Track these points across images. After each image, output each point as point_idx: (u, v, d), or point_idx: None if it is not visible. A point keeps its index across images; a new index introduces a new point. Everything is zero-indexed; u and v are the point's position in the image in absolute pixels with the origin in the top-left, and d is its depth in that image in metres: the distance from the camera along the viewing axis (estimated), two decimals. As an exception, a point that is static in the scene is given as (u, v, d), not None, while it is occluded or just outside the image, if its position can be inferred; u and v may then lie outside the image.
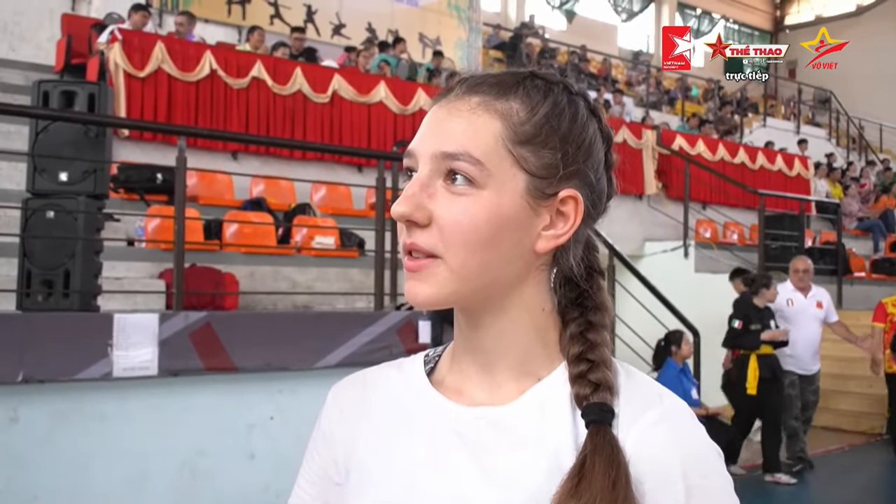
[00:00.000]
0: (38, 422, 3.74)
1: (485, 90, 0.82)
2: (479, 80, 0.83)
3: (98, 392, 3.91)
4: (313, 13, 12.78)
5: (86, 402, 3.87)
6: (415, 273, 0.80)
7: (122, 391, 3.97)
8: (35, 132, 4.15)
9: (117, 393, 3.96)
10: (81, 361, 3.82)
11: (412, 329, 4.82)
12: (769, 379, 6.29)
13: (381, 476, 0.86)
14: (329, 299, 6.24)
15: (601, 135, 0.87)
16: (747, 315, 6.38)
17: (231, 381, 4.19)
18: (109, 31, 7.47)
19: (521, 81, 0.83)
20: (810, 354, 6.77)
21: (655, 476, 0.76)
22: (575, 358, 0.82)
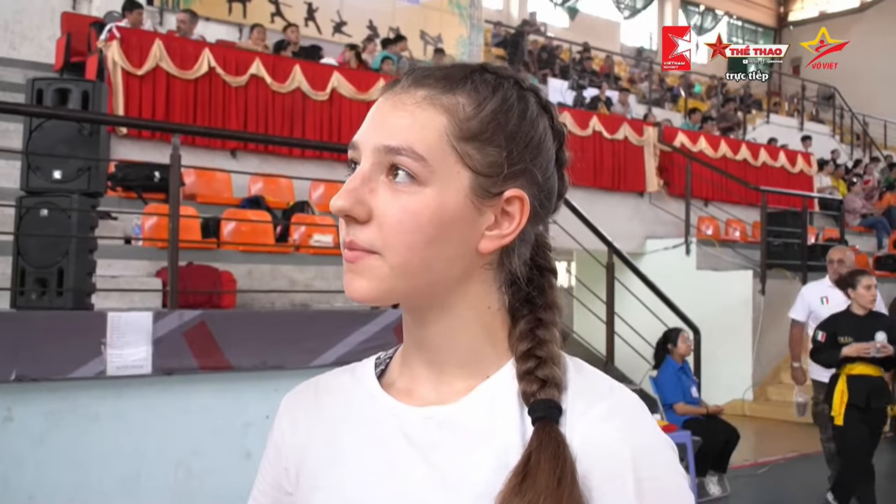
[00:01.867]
0: (33, 421, 3.72)
1: (431, 83, 0.80)
2: (426, 72, 0.81)
3: (92, 391, 3.89)
4: (314, 11, 12.77)
5: (80, 402, 3.86)
6: (352, 264, 0.78)
7: (116, 390, 3.95)
8: (29, 130, 4.13)
9: (111, 392, 3.94)
10: (75, 360, 3.80)
11: (409, 327, 4.80)
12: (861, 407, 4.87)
13: (331, 483, 0.84)
14: (327, 297, 6.22)
15: (552, 132, 0.84)
16: (836, 324, 5.06)
17: (226, 380, 4.17)
18: (108, 30, 7.45)
19: (469, 75, 0.81)
20: None
21: (603, 470, 0.75)
22: (523, 355, 0.81)
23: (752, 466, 6.99)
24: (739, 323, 9.58)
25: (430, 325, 0.83)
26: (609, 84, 15.21)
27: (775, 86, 20.36)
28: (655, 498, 0.74)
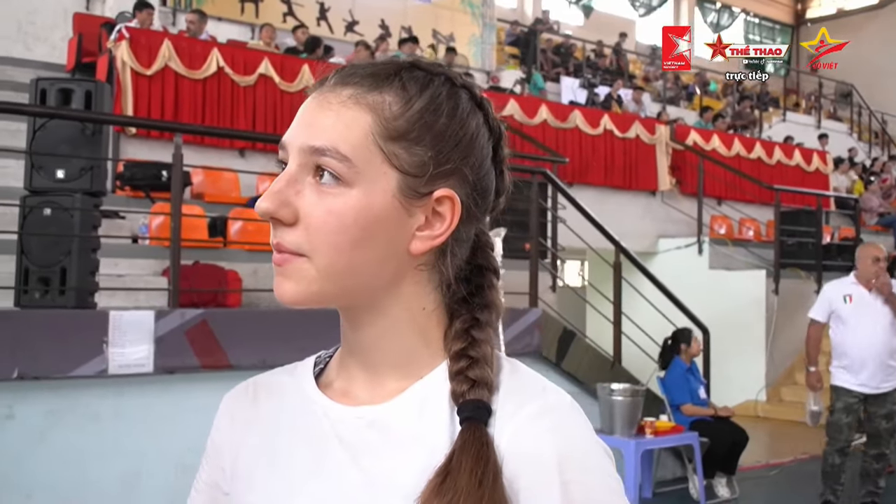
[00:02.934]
0: (33, 419, 3.75)
1: (357, 81, 0.78)
2: (353, 70, 0.80)
3: (93, 389, 3.91)
4: (326, 10, 12.80)
5: (81, 400, 3.87)
6: (280, 268, 0.77)
7: (117, 389, 3.96)
8: (32, 130, 4.16)
9: (113, 390, 3.96)
10: (77, 358, 3.82)
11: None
12: None
13: (262, 483, 0.84)
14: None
15: (488, 129, 0.83)
16: None
17: (227, 379, 4.15)
18: (117, 30, 7.49)
19: (397, 72, 0.79)
20: (876, 366, 5.17)
21: (530, 472, 0.73)
22: (455, 354, 0.79)
23: (763, 468, 6.93)
24: (753, 323, 9.51)
25: (363, 327, 0.82)
26: (623, 82, 15.13)
27: (792, 83, 20.19)
28: (585, 490, 0.72)
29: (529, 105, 10.29)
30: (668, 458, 6.33)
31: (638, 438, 5.27)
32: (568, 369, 5.77)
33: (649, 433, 5.33)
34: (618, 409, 5.28)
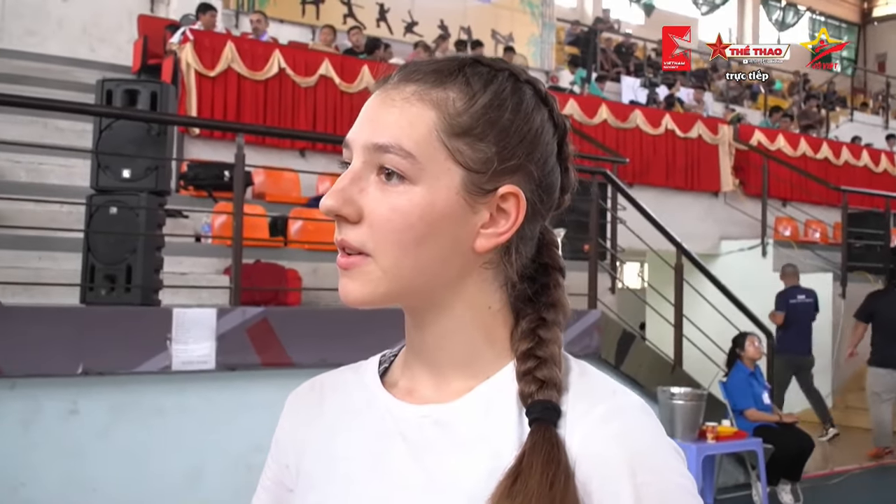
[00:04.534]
0: (98, 414, 3.82)
1: (420, 78, 0.77)
2: (416, 67, 0.78)
3: (156, 385, 3.97)
4: (386, 11, 12.86)
5: (144, 395, 3.94)
6: (345, 271, 0.77)
7: (180, 385, 4.02)
8: (99, 130, 4.24)
9: (175, 386, 4.01)
10: (141, 355, 3.88)
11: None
12: None
13: (325, 480, 0.83)
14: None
15: (553, 125, 0.81)
16: None
17: (287, 377, 4.20)
18: (181, 32, 7.63)
19: (461, 68, 0.78)
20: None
21: (602, 474, 0.72)
22: (523, 354, 0.78)
23: (828, 476, 6.74)
24: (819, 327, 9.26)
25: (428, 326, 0.81)
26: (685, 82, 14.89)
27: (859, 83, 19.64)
28: (657, 491, 0.71)
29: (589, 105, 10.19)
30: (731, 465, 6.19)
31: (699, 443, 5.17)
32: (627, 372, 5.69)
33: (711, 438, 5.22)
34: (678, 413, 5.19)
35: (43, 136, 6.88)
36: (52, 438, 3.70)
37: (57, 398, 3.74)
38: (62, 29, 9.85)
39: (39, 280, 4.50)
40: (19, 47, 9.21)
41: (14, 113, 6.27)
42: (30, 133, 6.82)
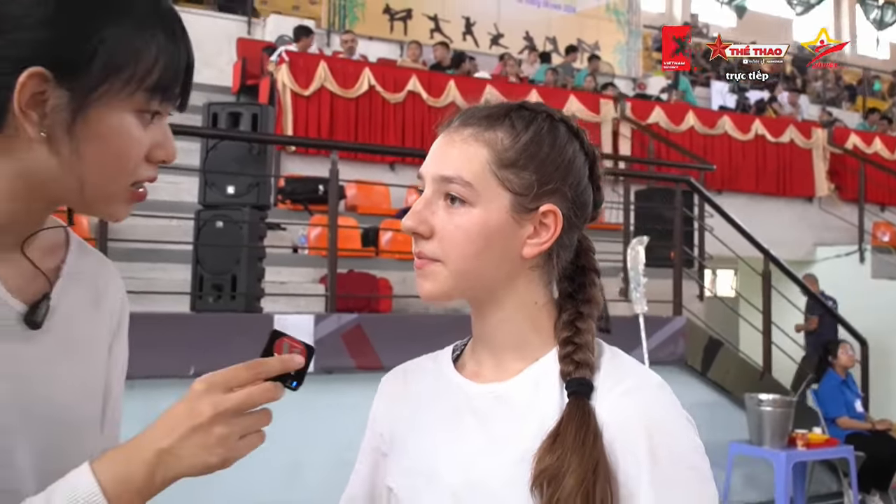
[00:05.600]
0: (208, 412, 4.11)
1: (475, 122, 0.97)
2: (472, 112, 0.99)
3: (260, 387, 4.23)
4: (472, 25, 13.07)
5: (249, 396, 4.21)
6: (420, 270, 0.98)
7: (281, 386, 4.29)
8: (206, 150, 4.58)
9: (277, 388, 4.28)
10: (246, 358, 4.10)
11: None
12: None
13: (411, 447, 1.04)
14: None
15: (584, 154, 1.00)
16: None
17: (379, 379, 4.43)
18: (277, 54, 8.01)
19: (507, 113, 0.98)
20: None
21: (623, 437, 0.90)
22: (563, 341, 0.97)
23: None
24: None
25: (487, 317, 1.01)
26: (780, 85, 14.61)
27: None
28: (668, 460, 0.89)
29: (676, 112, 10.18)
30: (824, 473, 6.13)
31: (788, 450, 5.16)
32: (714, 378, 5.72)
33: (801, 445, 5.21)
34: (766, 420, 5.19)
35: (152, 154, 7.33)
36: (166, 435, 4.01)
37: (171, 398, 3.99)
38: (167, 53, 10.40)
39: (153, 289, 4.85)
40: (128, 72, 9.79)
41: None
42: (140, 152, 7.28)
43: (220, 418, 0.84)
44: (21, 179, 0.87)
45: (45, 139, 0.84)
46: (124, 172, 0.89)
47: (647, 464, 0.88)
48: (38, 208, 0.91)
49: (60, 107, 0.84)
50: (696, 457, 0.91)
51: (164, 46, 0.87)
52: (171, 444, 0.83)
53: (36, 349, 0.91)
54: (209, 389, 0.85)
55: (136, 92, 0.86)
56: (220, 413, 0.84)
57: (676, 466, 0.89)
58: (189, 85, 0.92)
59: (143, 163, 0.90)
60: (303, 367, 0.89)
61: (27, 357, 0.90)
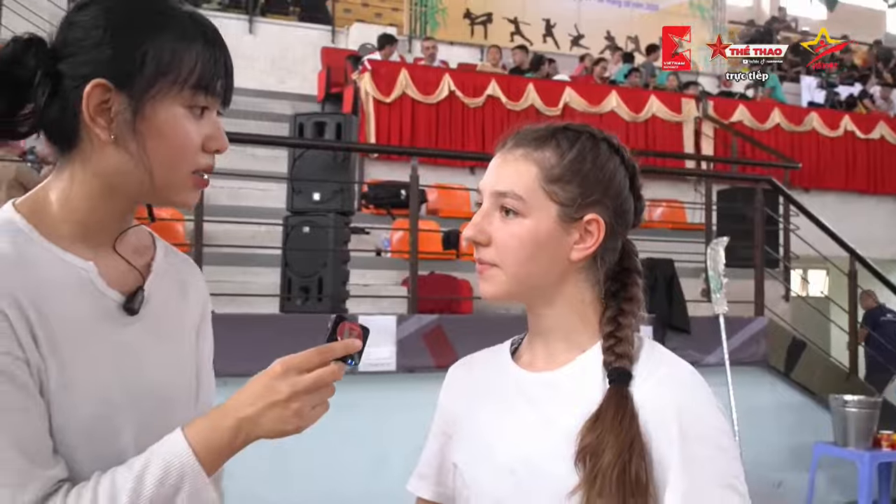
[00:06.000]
0: (298, 408, 4.32)
1: (526, 143, 1.11)
2: (523, 135, 1.13)
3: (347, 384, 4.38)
4: (552, 27, 13.10)
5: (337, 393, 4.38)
6: (481, 275, 1.12)
7: (366, 384, 4.45)
8: (293, 159, 4.80)
9: (362, 385, 4.45)
10: (331, 357, 4.35)
11: (634, 333, 4.96)
12: None
13: (471, 429, 1.18)
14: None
15: (624, 167, 1.13)
16: None
17: (459, 379, 4.57)
18: (360, 63, 8.25)
19: (554, 135, 1.12)
20: None
21: (657, 419, 1.02)
22: (606, 335, 1.09)
23: None
24: None
25: (540, 314, 1.14)
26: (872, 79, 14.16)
27: None
28: (697, 440, 1.01)
29: (761, 109, 10.02)
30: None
31: (873, 451, 5.09)
32: (798, 379, 5.66)
33: (886, 446, 5.13)
34: (851, 421, 5.13)
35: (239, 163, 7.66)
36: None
37: (261, 395, 4.28)
38: (254, 63, 10.78)
39: (244, 292, 5.10)
40: (218, 83, 10.19)
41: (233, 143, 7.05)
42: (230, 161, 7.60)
43: (296, 396, 0.98)
44: (98, 179, 1.03)
45: (114, 140, 1.00)
46: (184, 160, 1.04)
47: (678, 442, 1.00)
48: (119, 207, 1.06)
49: (123, 110, 1.00)
50: (723, 438, 1.02)
51: (201, 51, 1.03)
52: (252, 414, 0.97)
53: (134, 333, 1.07)
54: (286, 372, 0.99)
55: (183, 90, 1.02)
56: (297, 392, 0.98)
57: (704, 445, 1.01)
58: (230, 83, 1.08)
59: (200, 152, 1.05)
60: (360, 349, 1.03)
61: (127, 340, 1.06)
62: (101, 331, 1.03)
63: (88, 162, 1.03)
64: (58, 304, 0.99)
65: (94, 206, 1.04)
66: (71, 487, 0.94)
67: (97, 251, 1.05)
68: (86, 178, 1.03)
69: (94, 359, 1.01)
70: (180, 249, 1.27)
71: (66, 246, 1.03)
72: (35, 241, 1.01)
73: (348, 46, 10.89)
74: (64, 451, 0.97)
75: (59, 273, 1.01)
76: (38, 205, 1.04)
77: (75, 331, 1.00)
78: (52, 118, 1.01)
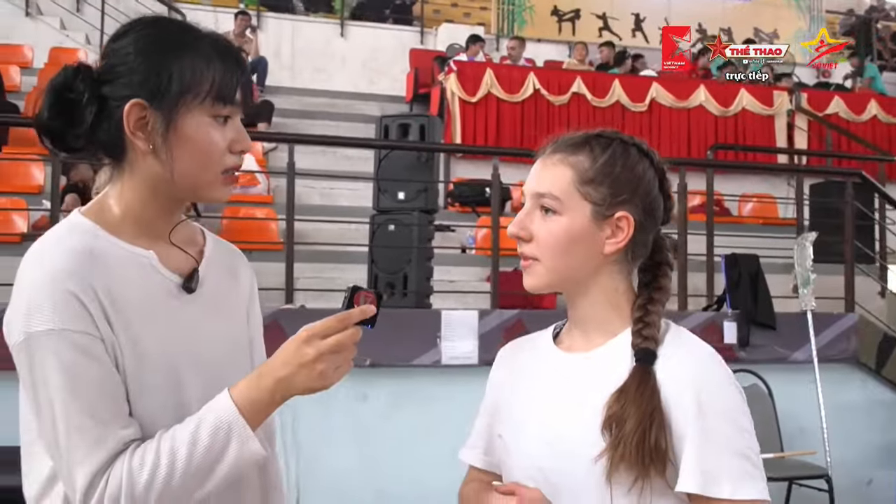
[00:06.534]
0: (382, 400, 4.49)
1: (563, 149, 1.25)
2: (561, 142, 1.27)
3: (429, 377, 4.58)
4: (641, 21, 12.96)
5: (419, 385, 4.56)
6: (524, 269, 1.25)
7: (448, 377, 4.61)
8: (378, 159, 4.99)
9: (445, 378, 4.60)
10: (416, 350, 4.51)
11: (716, 329, 4.96)
12: None
13: (514, 405, 1.31)
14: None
15: (653, 170, 1.25)
16: None
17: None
18: (446, 64, 8.42)
19: (587, 141, 1.24)
20: None
21: (676, 394, 1.15)
22: (636, 320, 1.21)
23: None
24: None
25: (578, 302, 1.27)
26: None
27: None
28: (712, 414, 1.13)
29: (857, 101, 9.75)
30: None
31: (970, 452, 4.94)
32: (889, 376, 5.53)
33: (983, 447, 4.98)
34: (945, 421, 5.00)
35: (333, 164, 7.94)
36: (345, 419, 4.42)
37: (350, 386, 4.44)
38: (345, 65, 11.09)
39: (334, 287, 5.31)
40: (310, 85, 10.54)
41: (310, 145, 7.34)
42: (323, 162, 7.91)
43: (321, 358, 1.11)
44: (144, 183, 1.21)
45: (152, 150, 1.18)
46: (212, 162, 1.21)
47: (694, 416, 1.12)
48: (165, 205, 1.24)
49: (157, 124, 1.17)
50: (737, 414, 1.14)
51: (219, 68, 1.20)
52: (286, 375, 1.12)
53: (193, 310, 1.25)
54: (310, 337, 1.12)
55: (205, 102, 1.18)
56: (321, 353, 1.11)
57: (718, 419, 1.13)
58: (248, 95, 1.25)
59: (227, 154, 1.22)
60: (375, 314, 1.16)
61: (187, 315, 1.24)
62: (164, 308, 1.21)
63: (135, 169, 1.22)
64: (126, 288, 1.17)
65: (145, 206, 1.22)
66: (139, 445, 1.12)
67: (155, 242, 1.24)
68: (134, 183, 1.22)
69: (160, 333, 1.19)
70: (273, 248, 1.48)
71: (128, 240, 1.21)
72: (102, 237, 1.19)
73: (437, 47, 11.06)
74: (139, 415, 1.15)
75: (125, 262, 1.19)
76: (102, 208, 1.23)
77: (142, 310, 1.18)
78: (102, 135, 1.20)
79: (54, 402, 1.10)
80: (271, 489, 1.35)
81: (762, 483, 1.14)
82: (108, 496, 1.08)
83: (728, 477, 1.12)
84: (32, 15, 9.73)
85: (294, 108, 9.25)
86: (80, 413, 1.09)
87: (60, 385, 1.09)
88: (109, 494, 1.08)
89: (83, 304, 1.11)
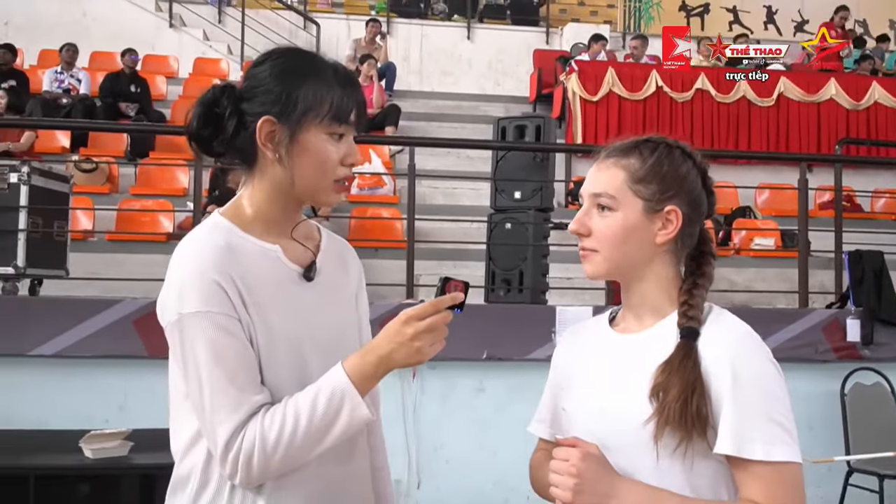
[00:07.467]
0: (498, 392, 4.65)
1: (616, 154, 1.41)
2: (613, 148, 1.42)
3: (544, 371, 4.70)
4: (774, 13, 12.61)
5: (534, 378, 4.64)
6: (584, 259, 1.40)
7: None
8: (496, 160, 5.18)
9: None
10: (530, 344, 4.66)
11: (839, 327, 4.86)
12: None
13: (575, 380, 1.47)
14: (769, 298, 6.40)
15: (697, 169, 1.40)
16: None
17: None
18: (568, 63, 8.51)
19: (637, 146, 1.40)
20: None
21: (715, 366, 1.29)
22: (681, 303, 1.36)
23: None
24: None
25: (632, 288, 1.42)
26: None
27: None
28: (747, 383, 1.27)
29: None
30: None
31: None
32: None
33: None
34: None
35: (458, 164, 8.18)
36: (463, 410, 4.61)
37: (467, 378, 4.65)
38: (471, 68, 11.33)
39: (454, 284, 5.52)
40: (437, 88, 10.84)
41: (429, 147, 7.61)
42: (447, 162, 8.16)
43: (417, 336, 1.30)
44: (271, 186, 1.42)
45: (278, 159, 1.39)
46: (327, 172, 1.41)
47: (730, 385, 1.26)
48: (288, 206, 1.44)
49: (283, 138, 1.38)
50: (769, 382, 1.28)
51: (338, 92, 1.40)
52: (388, 352, 1.32)
53: (312, 295, 1.45)
54: (408, 319, 1.30)
55: (324, 120, 1.38)
56: (417, 332, 1.30)
57: (752, 388, 1.27)
58: (362, 115, 1.44)
59: (340, 166, 1.42)
60: (463, 300, 1.34)
61: (308, 300, 1.44)
62: (288, 294, 1.43)
63: (264, 176, 1.44)
64: (258, 277, 1.39)
65: (271, 207, 1.45)
66: (269, 408, 1.34)
67: (280, 238, 1.46)
68: (263, 187, 1.44)
69: (286, 314, 1.41)
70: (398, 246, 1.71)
71: (258, 236, 1.43)
72: (237, 234, 1.42)
73: (562, 47, 11.14)
74: (269, 384, 1.37)
75: (256, 255, 1.41)
76: (237, 209, 1.46)
77: (271, 294, 1.40)
78: (239, 144, 1.43)
79: (201, 371, 1.32)
80: (375, 451, 1.58)
81: (793, 447, 1.26)
82: (244, 450, 1.30)
83: (760, 440, 1.25)
84: (176, 27, 10.43)
85: (421, 112, 9.57)
86: (222, 380, 1.31)
87: (206, 357, 1.32)
88: (245, 449, 1.30)
89: (224, 290, 1.33)
